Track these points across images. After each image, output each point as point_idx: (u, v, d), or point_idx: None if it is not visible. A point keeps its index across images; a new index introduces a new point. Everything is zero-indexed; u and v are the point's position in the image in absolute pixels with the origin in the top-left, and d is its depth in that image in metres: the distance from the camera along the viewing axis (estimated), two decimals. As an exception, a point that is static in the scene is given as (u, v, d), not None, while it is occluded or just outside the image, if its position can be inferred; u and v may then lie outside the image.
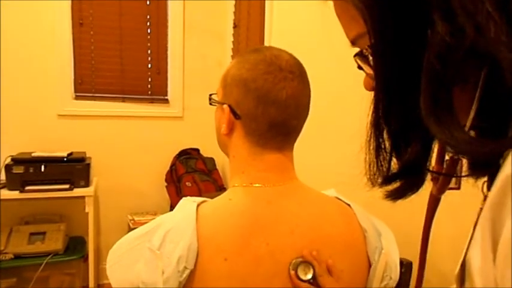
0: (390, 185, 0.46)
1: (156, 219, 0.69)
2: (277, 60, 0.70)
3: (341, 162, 1.39)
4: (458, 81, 0.38)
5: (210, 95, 0.78)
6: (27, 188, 2.30)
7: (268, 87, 0.68)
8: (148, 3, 2.87)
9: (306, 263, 0.66)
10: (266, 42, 2.25)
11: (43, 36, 2.62)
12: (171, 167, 2.92)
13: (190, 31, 2.98)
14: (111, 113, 2.85)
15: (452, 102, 0.38)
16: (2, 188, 2.31)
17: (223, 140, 0.76)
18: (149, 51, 2.93)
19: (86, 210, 2.39)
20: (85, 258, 2.47)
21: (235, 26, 2.84)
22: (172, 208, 0.72)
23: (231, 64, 0.75)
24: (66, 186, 2.37)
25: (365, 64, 0.46)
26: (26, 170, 2.31)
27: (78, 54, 2.73)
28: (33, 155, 2.42)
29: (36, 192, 2.32)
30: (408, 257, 1.11)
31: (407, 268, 1.14)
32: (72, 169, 2.42)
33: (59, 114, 2.70)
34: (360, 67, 0.48)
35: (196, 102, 2.94)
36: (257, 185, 0.71)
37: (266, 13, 2.27)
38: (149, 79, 2.95)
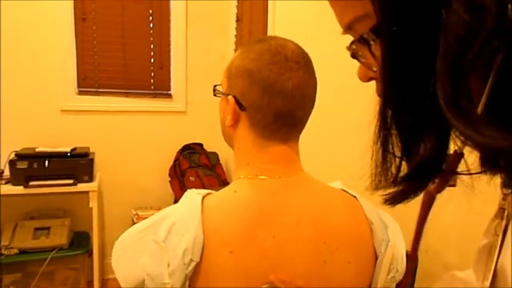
0: (397, 187, 0.42)
1: (160, 212, 0.68)
2: (282, 50, 0.69)
3: (347, 154, 1.38)
4: (477, 66, 0.33)
5: (215, 86, 0.77)
6: (31, 183, 2.31)
7: (274, 77, 0.67)
8: (150, -3, 2.86)
9: None
10: (269, 36, 2.23)
11: (46, 32, 2.61)
12: (175, 161, 2.91)
13: (193, 25, 2.97)
14: (114, 108, 2.85)
15: (470, 90, 0.34)
16: (6, 183, 2.33)
17: (228, 131, 0.75)
18: (152, 46, 2.92)
19: (90, 205, 2.40)
20: (89, 253, 2.49)
21: (238, 19, 2.82)
22: (176, 203, 0.71)
23: (236, 54, 0.73)
24: (70, 181, 2.38)
25: (366, 51, 0.42)
26: (29, 165, 2.32)
27: (81, 50, 2.73)
28: (37, 150, 2.42)
29: (40, 188, 2.32)
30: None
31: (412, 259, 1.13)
32: (76, 164, 2.42)
33: (62, 110, 2.70)
34: (354, 56, 0.44)
35: (200, 97, 2.94)
36: (262, 177, 0.70)
37: (269, 6, 2.25)
38: (152, 74, 2.95)
